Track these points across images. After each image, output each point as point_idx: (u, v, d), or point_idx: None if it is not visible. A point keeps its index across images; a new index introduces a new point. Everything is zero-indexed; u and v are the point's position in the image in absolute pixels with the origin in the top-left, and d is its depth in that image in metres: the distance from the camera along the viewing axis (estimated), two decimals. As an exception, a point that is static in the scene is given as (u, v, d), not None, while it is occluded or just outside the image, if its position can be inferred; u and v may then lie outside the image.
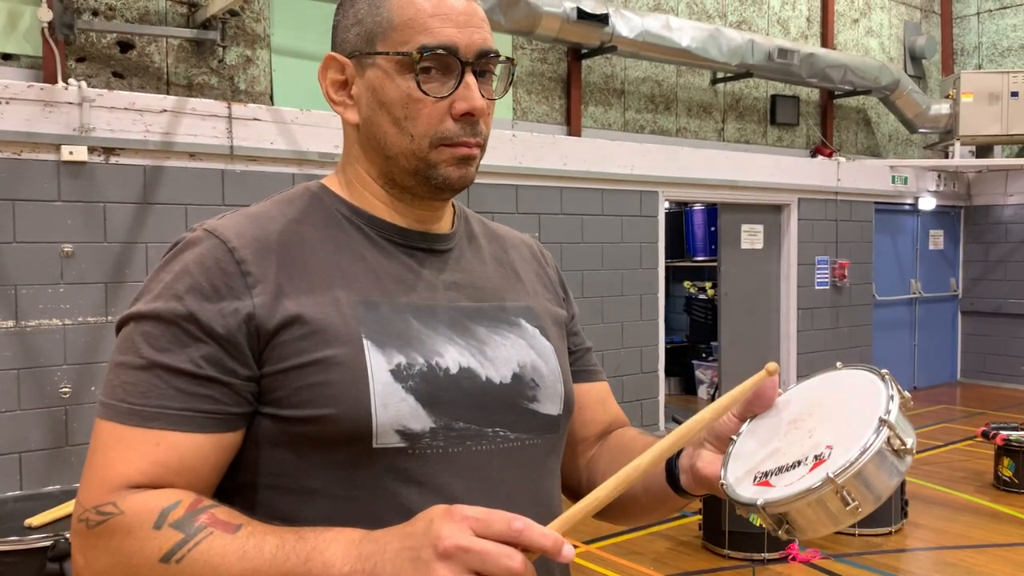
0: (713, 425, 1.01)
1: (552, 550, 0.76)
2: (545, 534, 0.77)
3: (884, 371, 0.94)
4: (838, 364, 1.01)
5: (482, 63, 1.03)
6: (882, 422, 0.86)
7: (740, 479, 0.94)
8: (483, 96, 1.03)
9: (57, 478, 4.34)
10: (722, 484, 0.95)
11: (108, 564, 0.88)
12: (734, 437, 0.99)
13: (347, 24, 1.05)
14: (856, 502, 0.85)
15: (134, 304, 0.98)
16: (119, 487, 0.90)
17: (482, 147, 1.05)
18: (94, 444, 0.94)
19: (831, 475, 0.84)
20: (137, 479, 0.90)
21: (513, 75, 1.09)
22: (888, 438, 0.86)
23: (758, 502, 0.88)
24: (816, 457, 0.88)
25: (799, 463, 0.90)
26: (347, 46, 1.05)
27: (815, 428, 0.93)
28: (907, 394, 0.91)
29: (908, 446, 0.86)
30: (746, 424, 1.00)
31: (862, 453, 0.85)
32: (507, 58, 1.07)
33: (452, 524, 0.77)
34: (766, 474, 0.92)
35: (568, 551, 0.77)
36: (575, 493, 1.22)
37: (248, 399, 0.96)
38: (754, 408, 1.00)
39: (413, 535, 0.79)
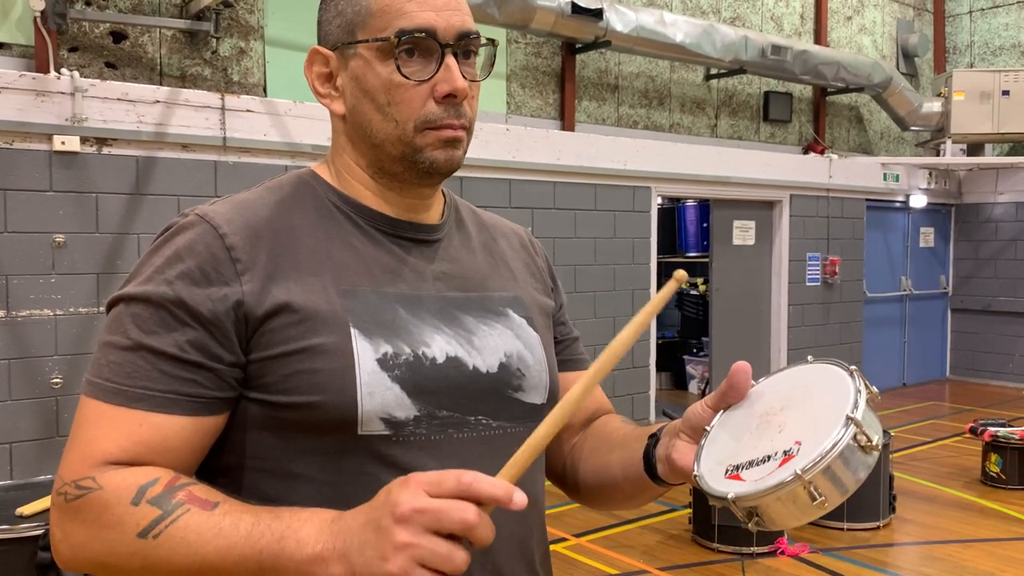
0: (688, 416, 1.03)
1: (503, 498, 0.79)
2: (495, 484, 0.79)
3: (852, 367, 0.95)
4: (808, 358, 1.03)
5: (462, 44, 1.03)
6: (849, 419, 0.88)
7: (713, 471, 0.96)
8: (466, 78, 1.03)
9: (48, 468, 4.34)
10: (695, 476, 0.97)
11: (85, 538, 0.89)
12: (707, 428, 1.01)
13: (329, 18, 1.07)
14: (823, 497, 0.87)
15: (125, 285, 0.99)
16: (99, 463, 0.92)
17: (468, 129, 1.06)
18: (78, 420, 0.95)
19: (799, 471, 0.86)
20: (118, 456, 0.92)
21: (495, 57, 1.09)
22: (855, 435, 0.87)
23: (729, 495, 0.90)
24: (785, 452, 0.90)
25: (769, 458, 0.92)
26: (330, 39, 1.07)
27: (785, 423, 0.95)
28: (875, 389, 0.92)
29: (874, 443, 0.88)
30: (719, 415, 1.02)
31: (830, 450, 0.87)
32: (488, 39, 1.08)
33: (407, 490, 0.79)
34: (737, 467, 0.94)
35: (520, 497, 0.79)
36: (559, 479, 1.24)
37: (232, 384, 0.97)
38: (728, 399, 1.01)
39: (375, 507, 0.82)
